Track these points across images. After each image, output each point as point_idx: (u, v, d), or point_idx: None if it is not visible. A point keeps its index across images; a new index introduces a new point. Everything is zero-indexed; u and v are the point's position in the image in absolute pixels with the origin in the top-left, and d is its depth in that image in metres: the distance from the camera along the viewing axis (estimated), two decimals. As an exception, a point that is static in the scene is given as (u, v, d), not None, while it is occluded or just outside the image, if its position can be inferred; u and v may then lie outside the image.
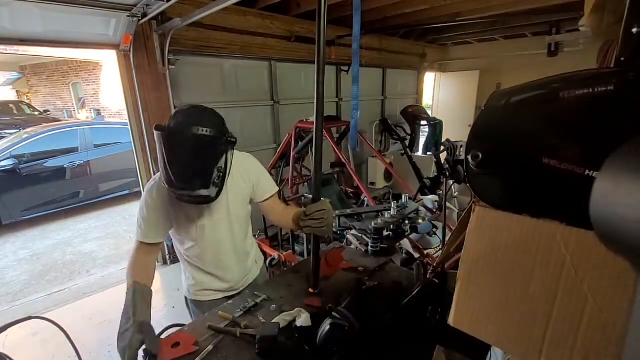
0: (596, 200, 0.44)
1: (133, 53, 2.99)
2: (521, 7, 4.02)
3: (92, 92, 10.72)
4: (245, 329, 1.13)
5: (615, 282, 0.53)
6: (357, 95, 1.36)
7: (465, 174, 0.71)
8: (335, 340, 0.99)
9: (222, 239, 1.39)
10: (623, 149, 0.43)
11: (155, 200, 1.27)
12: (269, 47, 4.07)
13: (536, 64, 5.86)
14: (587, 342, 0.56)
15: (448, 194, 1.92)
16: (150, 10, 2.65)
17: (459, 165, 0.97)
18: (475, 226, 0.70)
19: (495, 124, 0.68)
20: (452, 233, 1.02)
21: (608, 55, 1.04)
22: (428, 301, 1.10)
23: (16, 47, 7.34)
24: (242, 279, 1.51)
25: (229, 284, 1.47)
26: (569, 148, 0.58)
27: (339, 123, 3.91)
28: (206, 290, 1.47)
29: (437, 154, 3.41)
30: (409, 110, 5.97)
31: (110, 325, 2.74)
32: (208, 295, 1.48)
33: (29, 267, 3.85)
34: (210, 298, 1.47)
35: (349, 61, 4.70)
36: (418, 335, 1.07)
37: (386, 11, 4.20)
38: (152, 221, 1.28)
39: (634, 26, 0.59)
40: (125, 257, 3.96)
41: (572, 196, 0.57)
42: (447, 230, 1.83)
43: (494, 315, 0.67)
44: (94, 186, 5.50)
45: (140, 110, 3.20)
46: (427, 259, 2.24)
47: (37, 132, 5.26)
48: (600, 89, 0.55)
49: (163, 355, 1.03)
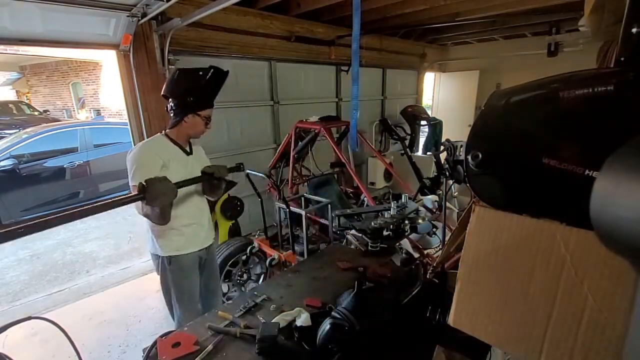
0: (596, 200, 0.44)
1: (133, 53, 2.99)
2: (521, 7, 4.02)
3: (91, 92, 10.72)
4: (245, 329, 1.13)
5: (615, 282, 0.53)
6: (356, 95, 1.36)
7: (465, 174, 0.71)
8: (335, 340, 0.99)
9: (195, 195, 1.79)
10: (623, 149, 0.43)
11: (148, 155, 1.64)
12: (269, 47, 4.07)
13: (536, 64, 5.86)
14: (587, 342, 0.56)
15: (448, 194, 1.92)
16: (150, 10, 2.65)
17: (459, 165, 0.97)
18: (475, 226, 0.70)
19: (495, 123, 0.68)
20: (452, 233, 1.02)
21: (608, 55, 1.05)
22: (428, 301, 1.10)
23: (16, 47, 7.35)
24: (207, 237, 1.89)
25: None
26: (569, 148, 0.58)
27: (339, 123, 3.91)
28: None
29: (437, 154, 3.41)
30: (408, 110, 5.97)
31: (110, 325, 2.74)
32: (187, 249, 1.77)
33: (29, 267, 3.85)
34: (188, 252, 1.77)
35: (349, 61, 4.69)
36: (418, 335, 1.08)
37: (386, 11, 4.20)
38: (150, 165, 1.60)
39: (634, 26, 0.59)
40: (126, 257, 3.97)
41: (572, 196, 0.57)
42: (447, 230, 1.83)
43: (494, 315, 0.67)
44: (93, 186, 5.49)
45: (140, 110, 3.19)
46: (427, 259, 2.24)
47: (37, 132, 5.26)
48: (600, 89, 0.55)
49: (163, 355, 1.03)
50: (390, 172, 4.27)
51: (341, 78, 5.20)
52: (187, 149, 1.80)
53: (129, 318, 2.82)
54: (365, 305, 1.09)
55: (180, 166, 1.71)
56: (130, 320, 2.80)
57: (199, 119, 1.69)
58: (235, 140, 3.93)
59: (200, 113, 1.68)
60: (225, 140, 3.88)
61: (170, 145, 1.72)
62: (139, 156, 1.62)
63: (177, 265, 1.73)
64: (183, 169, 1.71)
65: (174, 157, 1.70)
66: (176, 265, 1.73)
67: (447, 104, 7.71)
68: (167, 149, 1.70)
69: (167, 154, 1.68)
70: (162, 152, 1.67)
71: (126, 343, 2.56)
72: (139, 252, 4.10)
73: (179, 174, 1.64)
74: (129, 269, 3.69)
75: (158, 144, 1.71)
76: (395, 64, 6.19)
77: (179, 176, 1.61)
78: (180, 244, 1.74)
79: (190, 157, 1.79)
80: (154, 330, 2.66)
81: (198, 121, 1.70)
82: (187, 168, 1.74)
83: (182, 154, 1.76)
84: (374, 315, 1.09)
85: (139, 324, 2.76)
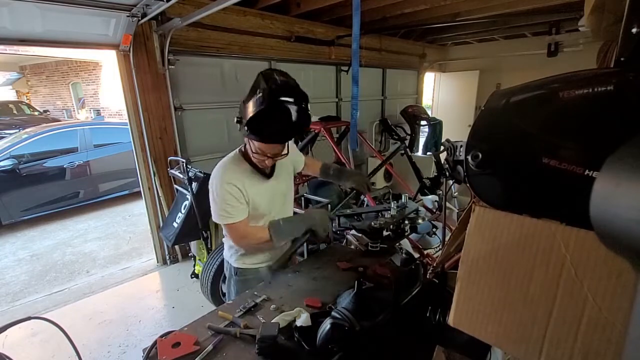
0: (596, 200, 0.44)
1: (133, 53, 2.99)
2: (521, 7, 4.03)
3: (91, 92, 10.72)
4: (245, 329, 1.13)
5: (615, 282, 0.53)
6: (356, 95, 1.36)
7: (465, 174, 0.71)
8: (335, 340, 0.99)
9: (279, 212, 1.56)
10: (623, 149, 0.43)
11: (231, 185, 1.39)
12: (269, 47, 4.07)
13: (536, 64, 5.86)
14: (587, 342, 0.56)
15: (448, 194, 1.92)
16: (150, 10, 2.65)
17: (459, 165, 0.97)
18: (475, 226, 0.69)
19: (495, 124, 0.68)
20: (451, 233, 1.02)
21: (608, 55, 1.04)
22: (428, 301, 1.10)
23: (16, 47, 7.34)
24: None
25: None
26: (569, 148, 0.58)
27: (338, 123, 3.91)
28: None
29: (436, 154, 3.41)
30: (408, 110, 5.97)
31: (110, 325, 2.74)
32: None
33: (29, 267, 3.85)
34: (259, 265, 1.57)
35: (349, 61, 4.70)
36: (418, 336, 1.08)
37: (386, 11, 4.20)
38: (239, 204, 1.40)
39: (634, 26, 0.59)
40: (126, 257, 3.97)
41: (572, 196, 0.57)
42: (447, 230, 1.83)
43: (494, 315, 0.67)
44: (93, 186, 5.49)
45: (140, 110, 3.20)
46: (427, 259, 2.24)
47: (37, 132, 5.25)
48: (600, 89, 0.55)
49: (163, 355, 1.03)
50: (391, 172, 4.27)
51: (341, 78, 5.20)
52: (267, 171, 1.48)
53: (129, 318, 2.82)
54: (365, 305, 1.09)
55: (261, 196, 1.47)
56: (130, 320, 2.80)
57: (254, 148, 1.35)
58: (235, 140, 3.93)
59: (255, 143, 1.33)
60: (225, 141, 3.88)
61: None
62: (223, 195, 1.41)
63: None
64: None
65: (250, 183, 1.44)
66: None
67: (447, 104, 7.72)
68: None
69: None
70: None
71: (126, 343, 2.56)
72: (139, 252, 4.10)
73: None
74: (128, 269, 3.69)
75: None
76: (395, 64, 6.20)
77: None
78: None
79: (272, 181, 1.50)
80: (154, 330, 2.66)
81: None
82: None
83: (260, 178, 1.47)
84: (374, 315, 1.09)
85: (139, 324, 2.76)
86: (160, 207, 3.55)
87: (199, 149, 3.71)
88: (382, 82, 6.16)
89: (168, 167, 3.43)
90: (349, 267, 1.55)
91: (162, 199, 3.48)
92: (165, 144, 3.42)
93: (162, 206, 3.52)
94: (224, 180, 1.38)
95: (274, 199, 1.52)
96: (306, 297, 1.32)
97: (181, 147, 3.52)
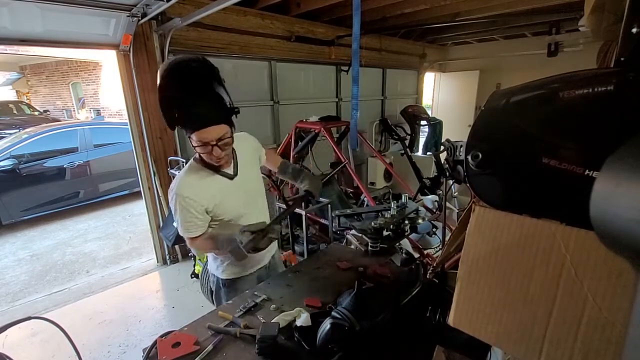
0: (596, 200, 0.44)
1: (133, 53, 2.99)
2: (521, 7, 4.03)
3: (91, 92, 10.72)
4: (245, 329, 1.13)
5: (615, 282, 0.53)
6: (356, 95, 1.36)
7: (465, 174, 0.71)
8: (335, 340, 0.99)
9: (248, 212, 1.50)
10: (623, 149, 0.43)
11: (188, 199, 1.33)
12: (269, 47, 4.07)
13: (536, 64, 5.86)
14: (587, 342, 0.56)
15: (448, 194, 1.92)
16: (150, 10, 2.65)
17: (459, 165, 0.97)
18: (475, 226, 0.69)
19: (495, 124, 0.68)
20: (451, 233, 1.02)
21: (608, 55, 1.04)
22: (428, 301, 1.10)
23: (16, 47, 7.35)
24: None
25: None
26: (569, 148, 0.58)
27: (338, 123, 3.91)
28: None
29: (436, 154, 3.41)
30: (408, 110, 5.97)
31: (110, 325, 2.74)
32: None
33: (29, 267, 3.85)
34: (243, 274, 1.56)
35: (349, 61, 4.70)
36: (418, 335, 1.08)
37: (386, 11, 4.20)
38: (195, 219, 1.36)
39: (634, 26, 0.59)
40: (126, 257, 3.97)
41: (572, 196, 0.57)
42: (447, 230, 1.83)
43: (494, 315, 0.67)
44: (93, 186, 5.49)
45: (140, 110, 3.20)
46: (427, 259, 2.24)
47: (37, 132, 5.25)
48: (600, 89, 0.55)
49: (163, 355, 1.03)
50: (390, 172, 4.27)
51: (341, 78, 5.20)
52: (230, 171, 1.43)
53: (129, 318, 2.82)
54: (365, 305, 1.09)
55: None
56: (130, 320, 2.80)
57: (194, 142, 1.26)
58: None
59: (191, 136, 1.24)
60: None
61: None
62: (177, 208, 1.37)
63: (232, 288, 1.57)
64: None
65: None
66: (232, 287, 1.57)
67: (447, 104, 7.72)
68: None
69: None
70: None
71: (126, 343, 2.56)
72: (139, 252, 4.11)
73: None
74: (128, 269, 3.69)
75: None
76: (395, 64, 6.20)
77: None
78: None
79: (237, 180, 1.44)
80: (154, 330, 2.66)
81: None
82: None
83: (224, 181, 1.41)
84: (374, 315, 1.09)
85: (139, 324, 2.76)
86: (160, 207, 3.55)
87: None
88: (382, 82, 6.16)
89: (168, 167, 3.44)
90: (349, 267, 1.55)
91: (162, 199, 3.48)
92: (165, 143, 3.43)
93: (162, 206, 3.53)
94: (178, 194, 1.32)
95: (244, 197, 1.46)
96: (306, 297, 1.32)
97: (181, 147, 3.52)
